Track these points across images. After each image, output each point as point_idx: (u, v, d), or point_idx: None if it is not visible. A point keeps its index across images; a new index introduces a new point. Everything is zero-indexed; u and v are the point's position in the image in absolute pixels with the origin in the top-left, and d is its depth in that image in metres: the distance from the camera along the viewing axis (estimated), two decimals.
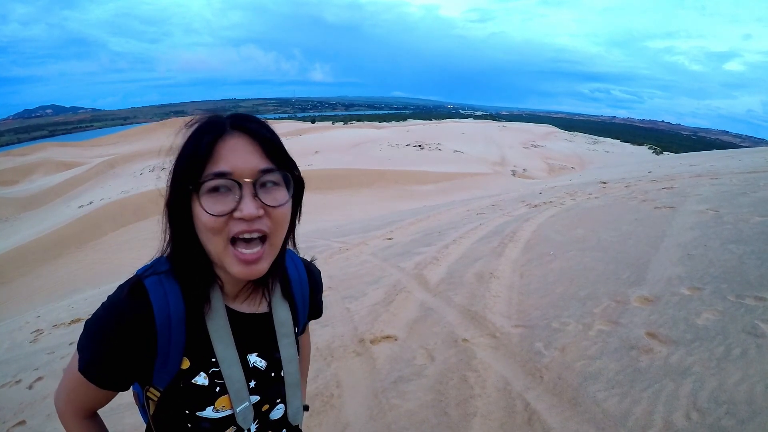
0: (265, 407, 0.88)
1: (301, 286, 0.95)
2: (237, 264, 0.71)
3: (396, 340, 3.05)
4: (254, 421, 0.86)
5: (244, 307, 0.85)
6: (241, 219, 0.69)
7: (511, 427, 2.10)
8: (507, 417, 2.17)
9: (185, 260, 0.76)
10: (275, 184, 0.74)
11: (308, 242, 7.41)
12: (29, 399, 3.14)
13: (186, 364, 0.77)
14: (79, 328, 0.79)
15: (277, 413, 0.90)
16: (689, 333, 2.52)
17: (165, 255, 0.79)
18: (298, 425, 0.95)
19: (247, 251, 0.71)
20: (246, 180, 0.70)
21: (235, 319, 0.83)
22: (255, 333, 0.85)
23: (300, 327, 0.96)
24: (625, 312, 2.91)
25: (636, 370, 2.29)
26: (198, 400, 0.78)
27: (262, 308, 0.87)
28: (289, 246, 0.90)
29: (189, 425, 0.80)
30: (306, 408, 1.00)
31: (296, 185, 0.79)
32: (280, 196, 0.74)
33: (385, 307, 3.59)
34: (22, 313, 7.97)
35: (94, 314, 0.76)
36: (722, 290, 2.94)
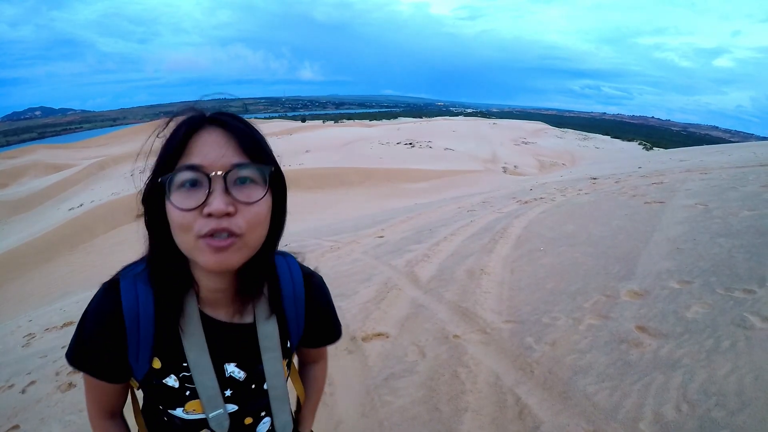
0: (249, 420, 0.86)
1: (294, 300, 0.88)
2: (207, 252, 0.65)
3: (388, 337, 3.05)
4: None
5: (223, 316, 0.80)
6: (209, 215, 0.64)
7: (502, 422, 2.11)
8: (498, 412, 2.18)
9: (160, 261, 0.74)
10: (251, 180, 0.68)
11: (299, 241, 7.38)
12: (22, 403, 3.11)
13: (157, 364, 0.78)
14: (72, 331, 0.80)
15: (263, 427, 0.88)
16: (679, 326, 2.54)
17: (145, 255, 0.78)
18: None
19: (217, 238, 0.65)
20: (217, 173, 0.65)
21: (212, 327, 0.79)
22: (235, 343, 0.81)
23: (293, 342, 0.90)
24: (615, 306, 2.93)
25: (626, 364, 2.31)
26: (168, 400, 0.80)
27: (247, 318, 0.83)
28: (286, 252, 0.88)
29: (165, 419, 0.83)
30: None
31: (277, 184, 0.74)
32: (255, 193, 0.67)
33: (377, 304, 3.59)
34: (14, 317, 7.88)
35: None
36: (711, 283, 2.98)
